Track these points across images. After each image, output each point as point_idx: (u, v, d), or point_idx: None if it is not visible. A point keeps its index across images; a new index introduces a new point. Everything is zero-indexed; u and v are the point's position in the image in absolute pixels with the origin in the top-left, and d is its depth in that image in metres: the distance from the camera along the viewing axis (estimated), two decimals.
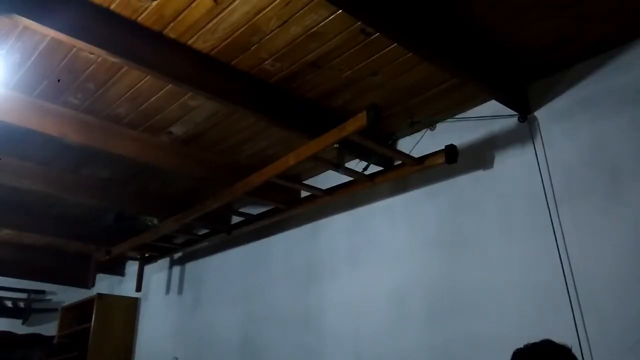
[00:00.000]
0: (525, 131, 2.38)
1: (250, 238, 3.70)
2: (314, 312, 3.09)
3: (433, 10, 1.97)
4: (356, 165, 2.83)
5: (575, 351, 1.98)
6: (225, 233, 3.62)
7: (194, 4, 1.93)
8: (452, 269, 2.49)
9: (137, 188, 3.58)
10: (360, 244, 2.97)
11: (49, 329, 5.12)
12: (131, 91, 2.47)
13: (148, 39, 2.05)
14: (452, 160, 2.43)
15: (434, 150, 2.49)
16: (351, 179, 2.79)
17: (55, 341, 4.76)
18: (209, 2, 1.92)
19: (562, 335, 2.02)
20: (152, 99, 2.53)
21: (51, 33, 1.87)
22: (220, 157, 3.13)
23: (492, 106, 2.45)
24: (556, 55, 2.24)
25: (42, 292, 5.46)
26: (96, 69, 2.32)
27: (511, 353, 2.25)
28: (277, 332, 3.28)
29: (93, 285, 4.64)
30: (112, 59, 2.05)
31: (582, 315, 2.04)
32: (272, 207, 3.30)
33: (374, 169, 2.75)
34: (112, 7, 1.95)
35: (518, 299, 2.23)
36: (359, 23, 2.00)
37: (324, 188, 2.95)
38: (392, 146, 2.78)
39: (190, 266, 4.25)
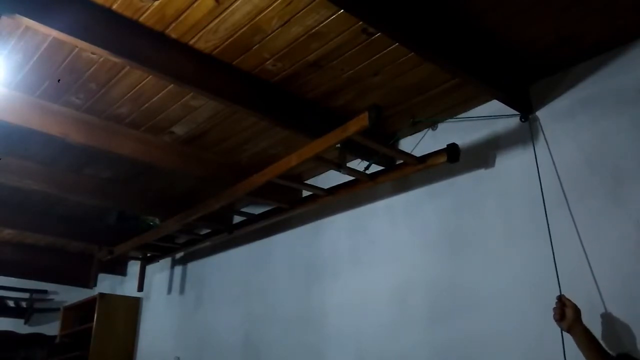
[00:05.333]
0: (527, 131, 2.37)
1: (252, 238, 3.70)
2: (315, 311, 3.10)
3: (434, 10, 1.97)
4: (358, 164, 2.83)
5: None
6: (226, 233, 3.62)
7: (195, 4, 1.93)
8: (453, 269, 2.50)
9: (138, 188, 3.59)
10: (361, 243, 2.97)
11: (51, 328, 5.14)
12: (133, 91, 2.47)
13: (150, 39, 2.06)
14: (453, 160, 2.43)
15: (435, 150, 2.50)
16: (353, 178, 2.79)
17: (57, 341, 4.77)
18: (211, 2, 1.92)
19: (562, 336, 2.03)
20: (154, 99, 2.54)
21: (53, 33, 1.87)
22: (222, 157, 3.13)
23: (494, 106, 2.45)
24: (557, 55, 2.24)
25: (44, 291, 5.47)
26: (98, 69, 2.32)
27: (512, 352, 2.25)
28: (279, 331, 3.28)
29: (95, 285, 4.64)
30: (114, 59, 2.06)
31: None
32: (273, 206, 3.30)
33: (375, 168, 2.75)
34: (114, 7, 1.95)
35: (519, 298, 2.23)
36: (360, 23, 2.00)
37: (325, 188, 2.95)
38: (394, 146, 2.78)
39: (192, 266, 4.26)
